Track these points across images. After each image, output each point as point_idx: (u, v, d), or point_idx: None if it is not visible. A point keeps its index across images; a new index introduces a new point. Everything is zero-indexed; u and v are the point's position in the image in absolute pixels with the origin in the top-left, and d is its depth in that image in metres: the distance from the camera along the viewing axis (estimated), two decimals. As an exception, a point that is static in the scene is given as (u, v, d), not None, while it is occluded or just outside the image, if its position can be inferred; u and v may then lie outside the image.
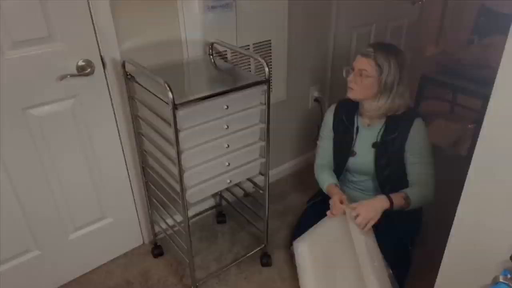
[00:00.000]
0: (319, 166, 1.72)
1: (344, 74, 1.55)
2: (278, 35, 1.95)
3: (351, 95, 1.54)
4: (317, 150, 1.76)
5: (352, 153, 1.64)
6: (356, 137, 1.62)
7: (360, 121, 1.63)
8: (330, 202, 1.52)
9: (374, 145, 1.58)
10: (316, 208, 1.73)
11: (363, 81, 1.47)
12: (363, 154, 1.62)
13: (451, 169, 2.35)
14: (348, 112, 1.65)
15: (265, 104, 1.43)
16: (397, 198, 1.47)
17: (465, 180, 0.88)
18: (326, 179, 1.64)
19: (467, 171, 0.86)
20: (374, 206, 1.44)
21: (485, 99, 2.01)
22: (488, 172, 0.83)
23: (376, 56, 1.44)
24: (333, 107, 1.71)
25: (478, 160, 0.84)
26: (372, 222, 1.41)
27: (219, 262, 1.80)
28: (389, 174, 1.59)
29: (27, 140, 1.39)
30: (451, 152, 2.59)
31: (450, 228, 0.97)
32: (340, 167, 1.69)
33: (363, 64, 1.46)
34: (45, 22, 1.28)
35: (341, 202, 1.49)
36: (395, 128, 1.54)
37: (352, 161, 1.65)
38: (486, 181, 0.84)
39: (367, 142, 1.60)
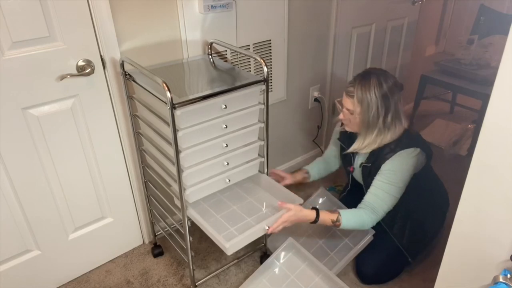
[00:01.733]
0: (320, 158, 1.92)
1: (337, 109, 1.62)
2: (278, 35, 1.95)
3: (347, 128, 1.60)
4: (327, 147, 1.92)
5: (351, 168, 1.73)
6: (355, 154, 1.69)
7: None
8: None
9: (361, 165, 1.63)
10: (344, 200, 1.87)
11: (351, 118, 1.53)
12: (357, 171, 1.69)
13: (451, 169, 2.35)
14: (348, 136, 1.69)
15: (263, 103, 1.43)
16: (325, 219, 1.46)
17: (465, 180, 0.88)
18: (310, 165, 1.88)
19: (467, 171, 0.86)
20: (301, 215, 1.42)
21: (485, 99, 2.01)
22: (488, 171, 0.83)
23: (356, 95, 1.46)
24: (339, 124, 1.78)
25: (478, 160, 0.84)
26: (285, 225, 1.39)
27: (219, 262, 1.80)
28: None
29: (27, 140, 1.39)
30: (451, 152, 2.59)
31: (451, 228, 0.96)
32: (347, 178, 1.82)
33: (347, 103, 1.51)
34: (45, 22, 1.28)
35: (282, 178, 1.75)
36: (376, 157, 1.54)
37: (352, 174, 1.76)
38: (486, 181, 0.84)
39: (360, 160, 1.66)
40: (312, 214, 1.45)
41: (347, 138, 1.69)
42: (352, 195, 1.83)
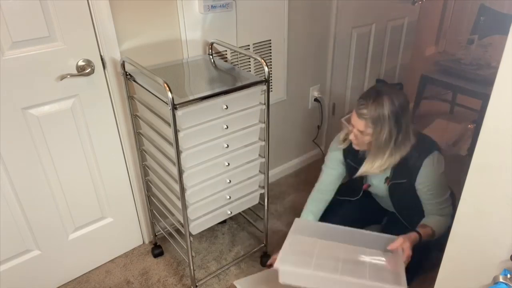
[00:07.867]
0: (315, 189, 1.72)
1: (348, 128, 1.54)
2: (278, 35, 1.95)
3: (356, 147, 1.53)
4: (320, 174, 1.72)
5: (367, 185, 1.66)
6: (367, 176, 1.63)
7: None
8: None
9: (386, 180, 1.57)
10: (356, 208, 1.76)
11: (363, 138, 1.45)
12: (378, 185, 1.63)
13: (451, 169, 2.35)
14: (355, 154, 1.61)
15: (264, 104, 1.43)
16: (426, 234, 1.48)
17: (465, 180, 0.88)
18: (306, 211, 1.66)
19: (467, 171, 0.86)
20: (409, 240, 1.43)
21: (485, 99, 2.00)
22: (488, 171, 0.83)
23: (370, 117, 1.38)
24: (341, 144, 1.64)
25: (478, 160, 0.84)
26: (407, 250, 1.40)
27: (219, 262, 1.80)
28: (406, 204, 1.61)
29: (27, 140, 1.39)
30: (451, 152, 2.59)
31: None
32: (357, 192, 1.72)
33: (359, 125, 1.43)
34: (45, 22, 1.28)
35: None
36: (404, 173, 1.52)
37: (369, 189, 1.69)
38: (486, 181, 0.84)
39: (379, 176, 1.59)
40: (416, 236, 1.45)
41: (353, 156, 1.61)
42: (364, 204, 1.77)
